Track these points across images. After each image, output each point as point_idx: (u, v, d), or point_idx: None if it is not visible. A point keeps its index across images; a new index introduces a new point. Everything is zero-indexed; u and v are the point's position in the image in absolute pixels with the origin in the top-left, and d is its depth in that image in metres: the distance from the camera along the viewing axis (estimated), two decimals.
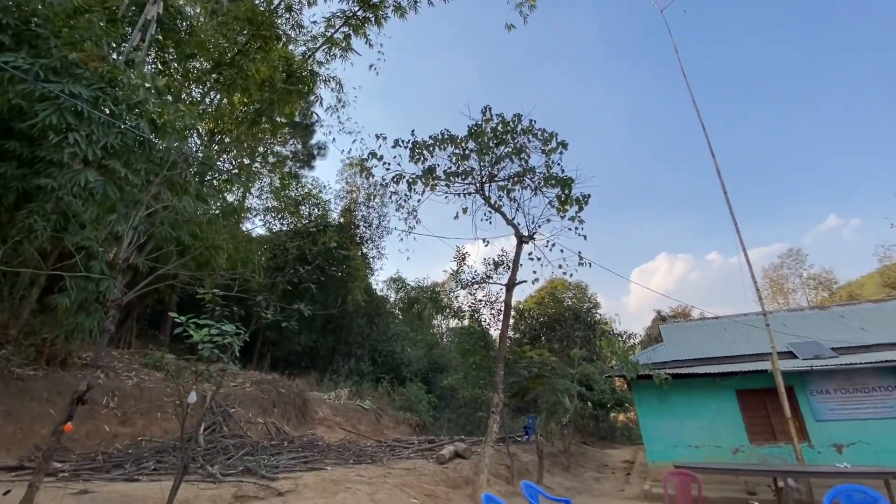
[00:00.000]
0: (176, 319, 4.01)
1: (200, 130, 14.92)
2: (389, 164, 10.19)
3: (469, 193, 10.61)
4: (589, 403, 21.62)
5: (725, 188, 10.47)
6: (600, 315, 29.36)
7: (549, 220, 10.50)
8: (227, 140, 15.82)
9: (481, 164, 10.23)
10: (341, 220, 23.82)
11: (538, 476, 10.63)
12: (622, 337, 27.44)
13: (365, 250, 23.87)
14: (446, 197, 10.61)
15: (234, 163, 16.35)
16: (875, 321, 13.32)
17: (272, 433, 11.05)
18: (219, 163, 14.72)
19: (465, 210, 10.50)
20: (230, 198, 17.49)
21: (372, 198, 23.42)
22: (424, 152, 10.13)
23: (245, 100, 15.50)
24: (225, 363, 4.19)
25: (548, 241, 10.70)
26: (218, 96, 15.66)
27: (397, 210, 11.52)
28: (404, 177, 10.20)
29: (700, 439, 10.51)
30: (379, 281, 26.63)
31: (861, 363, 9.45)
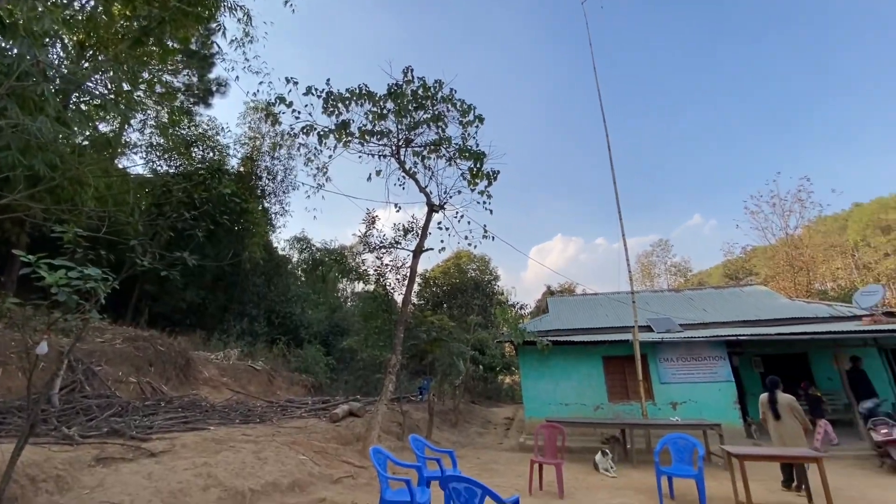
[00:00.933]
0: (23, 258, 3.41)
1: (66, 41, 12.35)
2: (300, 113, 9.51)
3: (384, 156, 10.38)
4: (480, 367, 23.22)
5: (615, 179, 11.65)
6: (499, 287, 31.30)
7: (459, 192, 10.75)
8: (101, 58, 13.32)
9: (398, 126, 10.02)
10: (241, 168, 21.82)
11: (427, 432, 11.28)
12: (515, 307, 29.61)
13: (267, 204, 22.29)
14: (360, 157, 10.27)
15: (110, 86, 13.89)
16: (715, 304, 16.12)
17: (147, 393, 10.13)
18: (89, 84, 12.39)
19: (378, 172, 10.28)
20: (104, 128, 14.95)
21: (277, 148, 21.76)
22: (339, 105, 9.62)
23: (128, 13, 13.07)
24: (87, 312, 3.70)
25: (457, 213, 11.00)
26: (92, 1, 13.01)
27: (306, 165, 10.88)
28: (315, 129, 9.62)
29: (570, 398, 11.96)
30: (281, 239, 25.22)
31: (699, 337, 11.43)
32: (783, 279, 26.79)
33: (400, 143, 10.16)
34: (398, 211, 11.08)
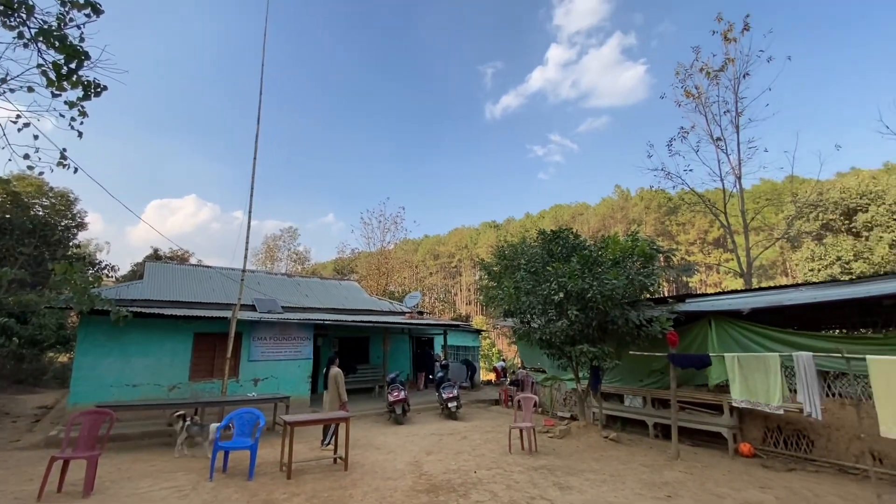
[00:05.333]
0: None
1: None
2: None
3: None
4: (16, 339, 16.71)
5: (256, 155, 11.35)
6: (82, 239, 23.73)
7: (32, 90, 7.48)
8: None
9: None
10: None
11: None
12: (95, 267, 23.34)
13: None
14: None
15: None
16: (316, 292, 18.24)
17: None
18: None
19: None
20: None
21: None
22: None
23: None
24: None
25: (18, 115, 7.56)
26: None
27: None
28: None
29: (142, 378, 10.40)
30: None
31: (293, 319, 12.60)
32: (372, 279, 33.83)
33: None
34: None
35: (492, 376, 22.35)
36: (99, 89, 7.43)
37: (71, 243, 22.86)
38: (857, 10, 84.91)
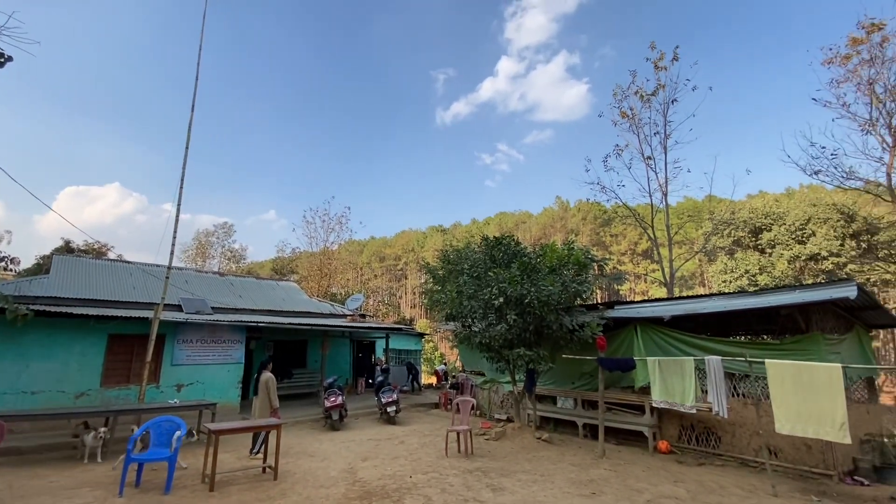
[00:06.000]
0: None
1: None
2: None
3: None
4: None
5: (189, 143, 10.61)
6: None
7: None
8: None
9: None
10: None
11: None
12: None
13: None
14: None
15: None
16: (251, 292, 17.35)
17: None
18: None
19: None
20: None
21: None
22: None
23: None
24: None
25: None
26: None
27: None
28: None
29: (44, 384, 9.32)
30: None
31: (224, 321, 11.87)
32: (313, 280, 32.74)
33: None
34: None
35: (433, 380, 22.41)
36: (2, 59, 6.64)
37: None
38: (775, 49, 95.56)
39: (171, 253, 10.26)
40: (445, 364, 27.44)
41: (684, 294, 35.68)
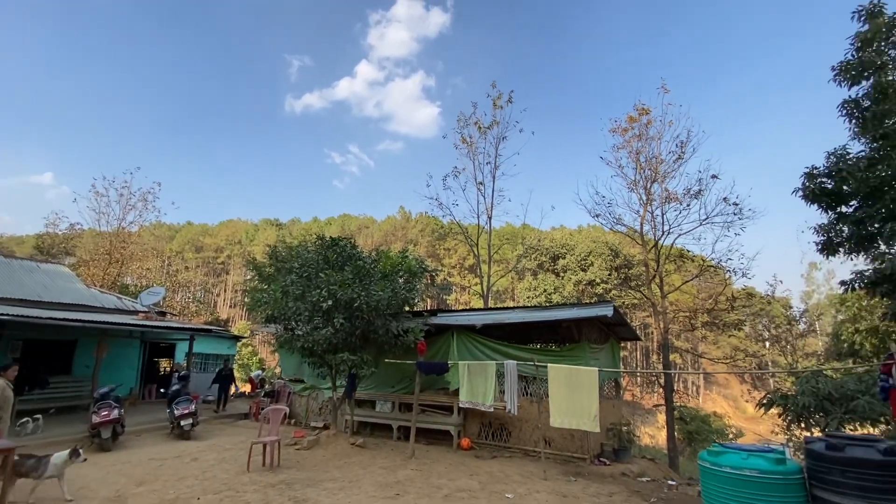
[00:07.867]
0: None
1: None
2: None
3: None
4: None
5: None
6: None
7: None
8: None
9: None
10: None
11: None
12: None
13: None
14: None
15: None
16: None
17: None
18: None
19: None
20: None
21: None
22: None
23: None
24: None
25: None
26: None
27: None
28: None
29: None
30: None
31: None
32: (97, 266, 26.33)
33: None
34: None
35: (247, 387, 20.29)
36: None
37: None
38: (593, 105, 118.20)
39: None
40: (263, 370, 25.22)
41: (498, 306, 40.58)
